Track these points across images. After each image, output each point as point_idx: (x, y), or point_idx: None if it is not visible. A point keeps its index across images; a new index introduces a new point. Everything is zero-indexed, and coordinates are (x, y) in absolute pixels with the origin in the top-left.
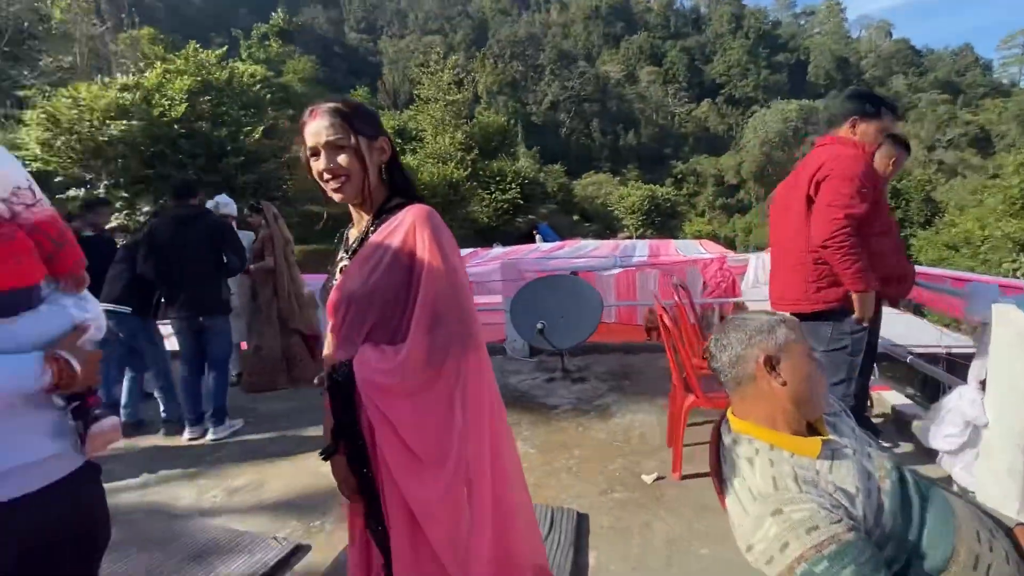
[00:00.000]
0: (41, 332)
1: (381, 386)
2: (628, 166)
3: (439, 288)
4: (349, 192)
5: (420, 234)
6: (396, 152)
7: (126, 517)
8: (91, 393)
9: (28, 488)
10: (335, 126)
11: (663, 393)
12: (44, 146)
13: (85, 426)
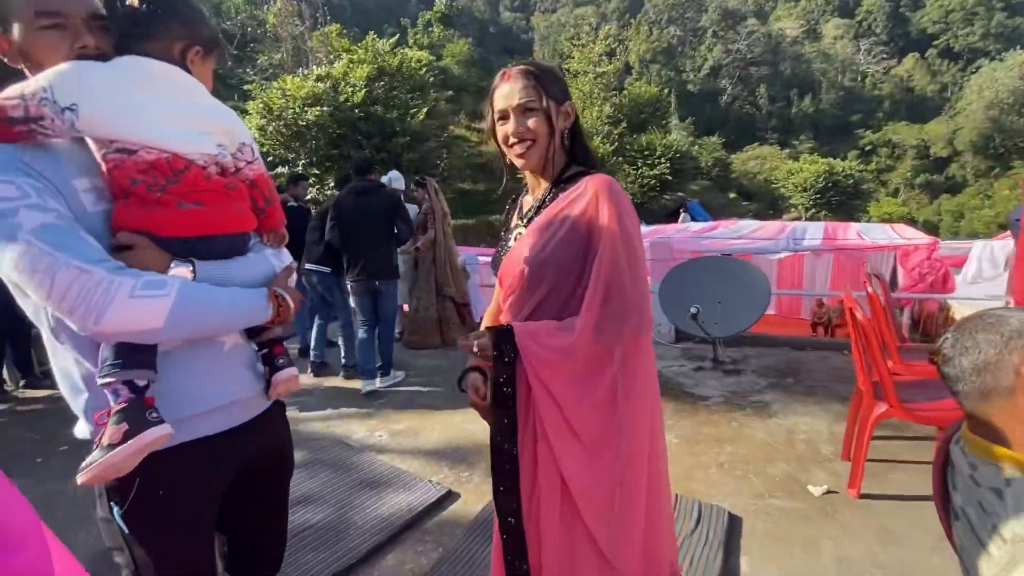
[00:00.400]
0: (249, 274)
1: (549, 361)
2: (800, 137)
3: (618, 264)
4: (534, 157)
5: (601, 205)
6: (579, 118)
7: (314, 442)
8: (278, 343)
9: (244, 418)
10: (527, 88)
11: (838, 397)
12: (260, 131)
13: (271, 372)
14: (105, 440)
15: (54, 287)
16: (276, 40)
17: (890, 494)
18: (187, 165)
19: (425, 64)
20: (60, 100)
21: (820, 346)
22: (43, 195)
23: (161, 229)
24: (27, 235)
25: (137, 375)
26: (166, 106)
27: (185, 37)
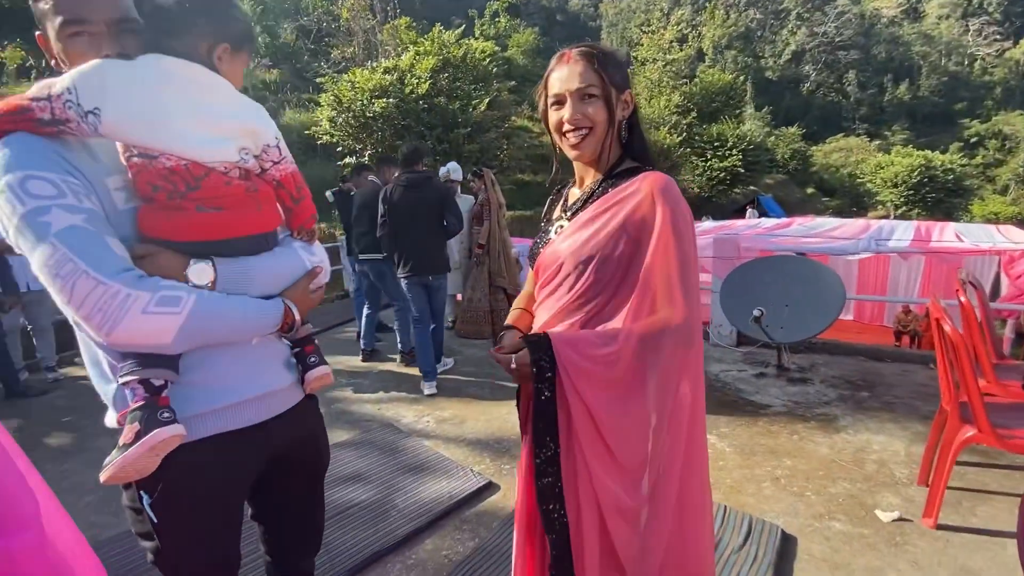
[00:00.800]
0: (272, 270)
1: (589, 373)
2: (893, 127)
3: (669, 273)
4: (589, 147)
5: (657, 207)
6: (638, 109)
7: (365, 423)
8: (309, 342)
9: (274, 412)
10: (588, 72)
11: (920, 416)
12: (330, 123)
13: (303, 371)
14: (121, 440)
15: (73, 294)
16: (349, 34)
17: (972, 527)
18: (207, 172)
19: (489, 54)
20: (84, 103)
21: (903, 357)
22: (78, 194)
23: (179, 234)
24: (53, 237)
25: (154, 374)
26: (187, 110)
27: (213, 34)
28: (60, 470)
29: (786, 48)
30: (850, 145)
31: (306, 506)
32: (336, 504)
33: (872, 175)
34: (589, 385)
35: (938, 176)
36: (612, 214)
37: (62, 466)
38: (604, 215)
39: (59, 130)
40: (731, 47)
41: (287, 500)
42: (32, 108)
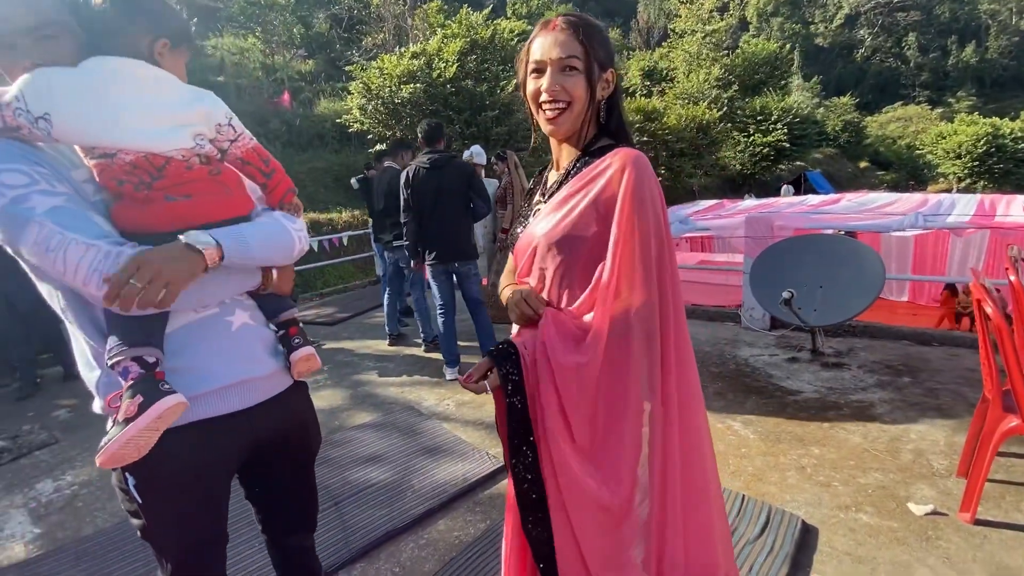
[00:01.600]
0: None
1: (560, 378)
2: (958, 93)
3: (632, 253)
4: (566, 124)
5: (623, 181)
6: (619, 88)
7: (388, 406)
8: (293, 324)
9: (259, 398)
10: (571, 43)
11: (966, 404)
12: (360, 110)
13: (288, 353)
14: (121, 416)
15: (67, 262)
16: (380, 20)
17: (1014, 523)
18: (167, 160)
19: (518, 34)
20: (33, 110)
21: (952, 341)
22: (50, 180)
23: (155, 225)
24: (40, 217)
25: (145, 352)
26: (135, 105)
27: (151, 31)
28: None
29: (839, 12)
30: (909, 114)
31: (296, 490)
32: (355, 483)
33: (932, 146)
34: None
35: (1007, 145)
36: (584, 193)
37: None
38: (576, 195)
39: (11, 137)
40: (777, 14)
41: (276, 485)
42: None
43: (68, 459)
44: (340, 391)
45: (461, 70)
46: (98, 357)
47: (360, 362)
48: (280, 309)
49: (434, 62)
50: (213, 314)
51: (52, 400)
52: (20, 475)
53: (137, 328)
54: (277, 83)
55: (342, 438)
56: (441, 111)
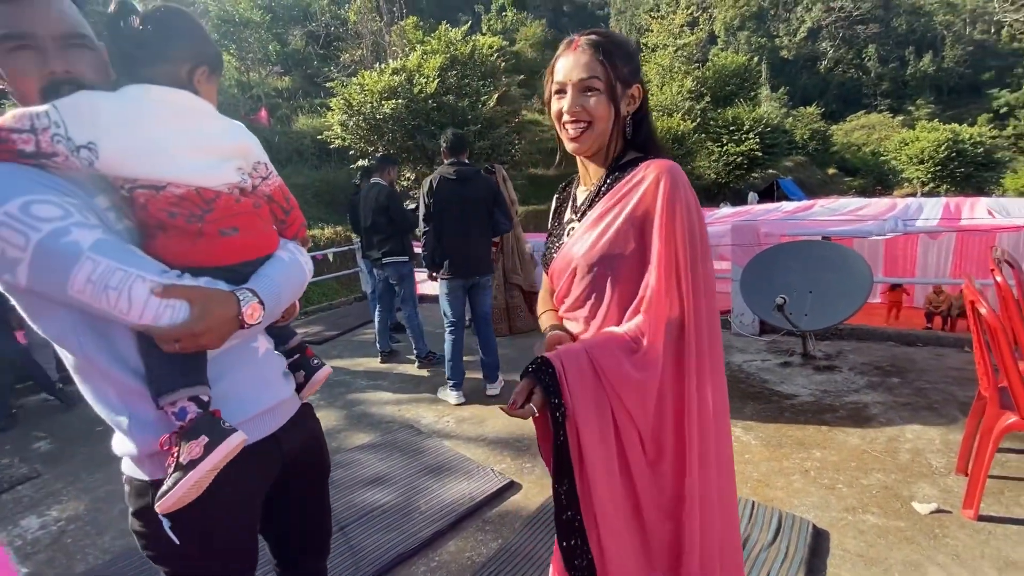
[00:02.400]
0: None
1: (629, 379)
2: (917, 101)
3: (673, 262)
4: (588, 141)
5: (658, 194)
6: (647, 101)
7: (386, 425)
8: (307, 346)
9: (282, 421)
10: (592, 63)
11: (956, 402)
12: (341, 127)
13: (307, 375)
14: (184, 458)
15: (132, 301)
16: (357, 37)
17: (1016, 518)
18: (216, 195)
19: (496, 49)
20: (75, 137)
21: (935, 341)
22: (82, 211)
23: (208, 260)
24: (90, 252)
25: (200, 391)
26: (185, 138)
27: (192, 58)
28: (94, 478)
29: (801, 26)
30: (872, 122)
31: (315, 510)
32: (360, 506)
33: (896, 152)
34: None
35: (967, 150)
36: (619, 210)
37: (95, 475)
38: (611, 212)
39: (41, 163)
40: (744, 28)
41: (294, 506)
42: (11, 139)
43: (52, 493)
44: (335, 411)
45: (442, 85)
46: (127, 398)
47: (353, 381)
48: (288, 335)
49: (415, 78)
50: (241, 341)
51: (31, 431)
52: (3, 511)
53: (190, 366)
54: (253, 100)
55: (342, 460)
56: (423, 126)
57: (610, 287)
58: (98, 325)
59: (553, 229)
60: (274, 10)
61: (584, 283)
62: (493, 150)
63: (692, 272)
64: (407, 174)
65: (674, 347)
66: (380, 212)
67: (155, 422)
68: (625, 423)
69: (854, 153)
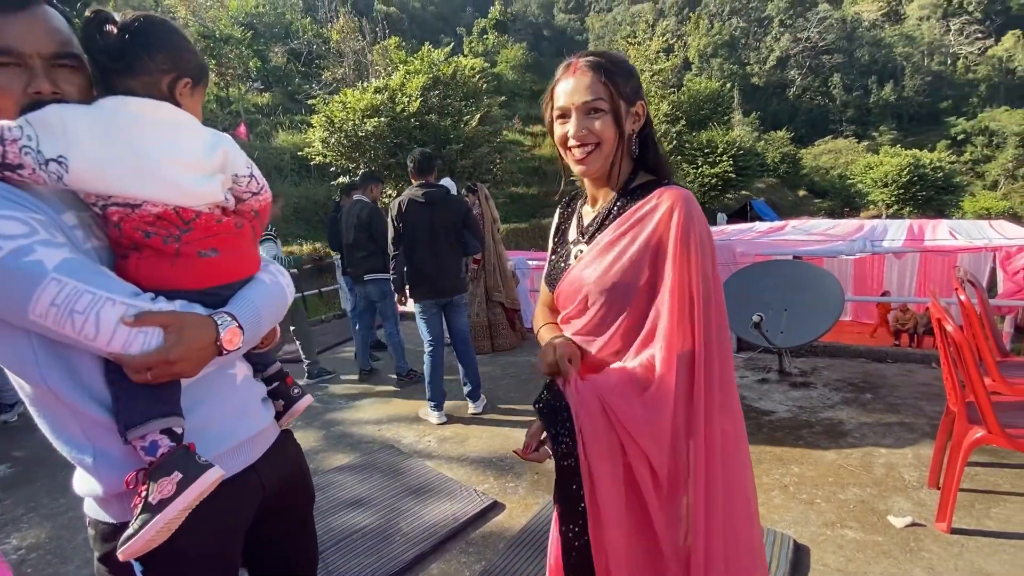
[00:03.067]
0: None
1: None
2: (880, 128)
3: (684, 295)
4: (596, 163)
5: (672, 224)
6: (650, 119)
7: (366, 446)
8: (287, 374)
9: (261, 451)
10: (595, 85)
11: (926, 417)
12: (323, 143)
13: (286, 404)
14: (153, 498)
15: (101, 325)
16: (339, 56)
17: (987, 530)
18: (197, 214)
19: (478, 71)
20: (45, 151)
21: (904, 357)
22: (48, 228)
23: (183, 282)
24: (54, 273)
25: (174, 422)
26: (164, 153)
27: (173, 69)
28: (57, 504)
29: (771, 54)
30: (838, 147)
31: (301, 544)
32: (339, 531)
33: (862, 176)
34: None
35: (928, 174)
36: (632, 236)
37: (58, 500)
38: (624, 238)
39: (4, 176)
40: (716, 55)
41: (281, 541)
42: None
43: (12, 520)
44: (313, 432)
45: (424, 105)
46: (92, 432)
47: (332, 400)
48: (267, 361)
49: (397, 97)
50: (218, 367)
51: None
52: None
53: (162, 395)
54: (233, 115)
55: (320, 482)
56: (406, 144)
57: (621, 313)
58: (61, 352)
59: (557, 246)
60: (256, 27)
61: (596, 308)
62: (475, 168)
63: (705, 305)
64: (389, 191)
65: (687, 382)
66: (362, 229)
67: (123, 459)
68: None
69: (823, 176)
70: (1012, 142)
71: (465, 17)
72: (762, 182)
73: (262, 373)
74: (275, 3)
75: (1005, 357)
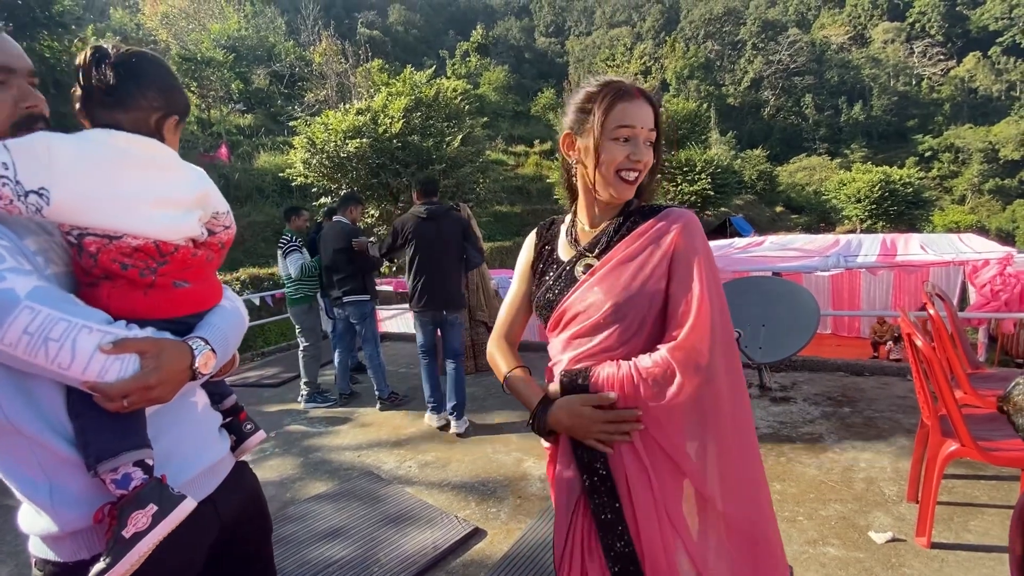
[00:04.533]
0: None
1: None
2: (851, 146)
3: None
4: (633, 189)
5: (690, 238)
6: None
7: (344, 472)
8: (241, 409)
9: (219, 482)
10: (655, 118)
11: (904, 430)
12: (305, 164)
13: (239, 439)
14: (127, 531)
15: (76, 353)
16: (322, 78)
17: (966, 544)
18: (175, 247)
19: (461, 93)
20: (25, 181)
21: (881, 371)
22: (15, 255)
23: (156, 312)
24: (27, 301)
25: (145, 455)
26: (148, 189)
27: (163, 107)
28: (20, 541)
29: (745, 76)
30: (812, 164)
31: (261, 570)
32: (315, 563)
33: (836, 192)
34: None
35: (898, 190)
36: (651, 250)
37: (21, 537)
38: (644, 251)
39: None
40: (693, 77)
41: (243, 569)
42: None
43: None
44: (290, 459)
45: (407, 126)
46: (49, 467)
47: (311, 425)
48: (223, 393)
49: (380, 118)
50: (179, 396)
51: None
52: None
53: (130, 427)
54: (214, 137)
55: (296, 512)
56: (388, 164)
57: (639, 324)
58: (21, 383)
59: (547, 268)
60: (238, 50)
61: (614, 320)
62: (458, 188)
63: (723, 317)
64: (371, 211)
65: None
66: (341, 251)
67: (82, 494)
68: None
69: (798, 192)
70: (977, 158)
71: (448, 40)
72: (740, 199)
73: (219, 405)
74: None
75: (976, 369)
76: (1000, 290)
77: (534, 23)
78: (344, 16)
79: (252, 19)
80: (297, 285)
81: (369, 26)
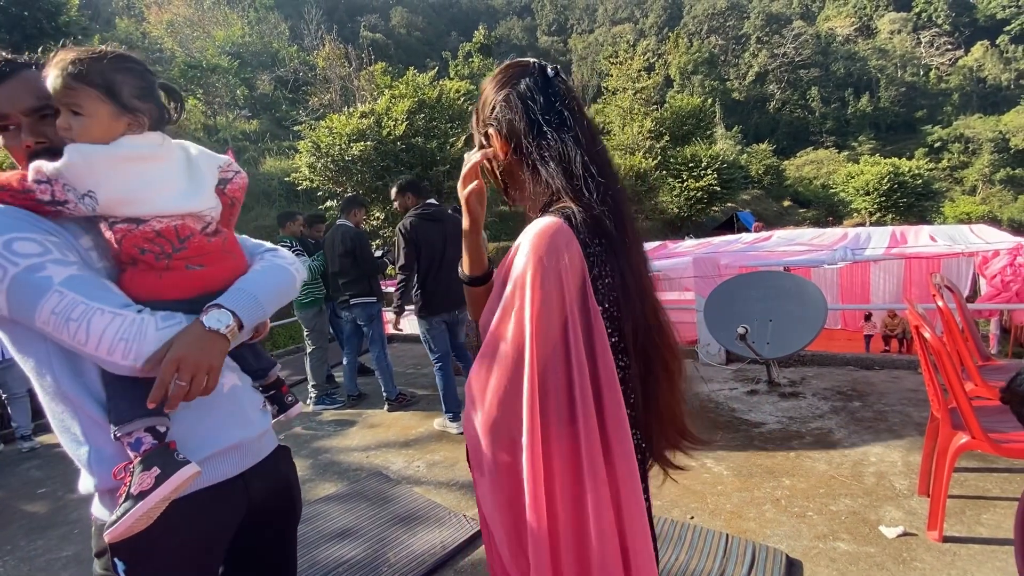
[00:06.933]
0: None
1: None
2: (859, 138)
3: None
4: None
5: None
6: None
7: (353, 473)
8: (283, 383)
9: (250, 462)
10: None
11: (914, 424)
12: (310, 168)
13: (280, 410)
14: (134, 489)
15: (90, 332)
16: (326, 82)
17: (978, 537)
18: (191, 232)
19: (464, 93)
20: (78, 187)
21: (891, 364)
22: (62, 249)
23: (173, 294)
24: (58, 286)
25: (158, 422)
26: (169, 171)
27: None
28: (34, 546)
29: (749, 70)
30: (819, 157)
31: (279, 561)
32: (325, 563)
33: (844, 185)
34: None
35: (907, 182)
36: (499, 270)
37: (36, 542)
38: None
39: (56, 210)
40: (697, 72)
41: (261, 554)
42: (34, 189)
43: None
44: (300, 460)
45: (410, 128)
46: (90, 431)
47: (320, 427)
48: (265, 368)
49: (383, 121)
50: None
51: None
52: None
53: (145, 396)
54: (220, 143)
55: (306, 513)
56: (392, 167)
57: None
58: (69, 354)
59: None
60: (242, 56)
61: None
62: None
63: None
64: (376, 214)
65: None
66: (346, 254)
67: (112, 456)
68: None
69: (806, 186)
70: (987, 148)
71: (450, 41)
72: (747, 194)
73: (261, 381)
74: (262, 32)
75: (987, 361)
76: (1011, 280)
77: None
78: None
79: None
80: (307, 289)
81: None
